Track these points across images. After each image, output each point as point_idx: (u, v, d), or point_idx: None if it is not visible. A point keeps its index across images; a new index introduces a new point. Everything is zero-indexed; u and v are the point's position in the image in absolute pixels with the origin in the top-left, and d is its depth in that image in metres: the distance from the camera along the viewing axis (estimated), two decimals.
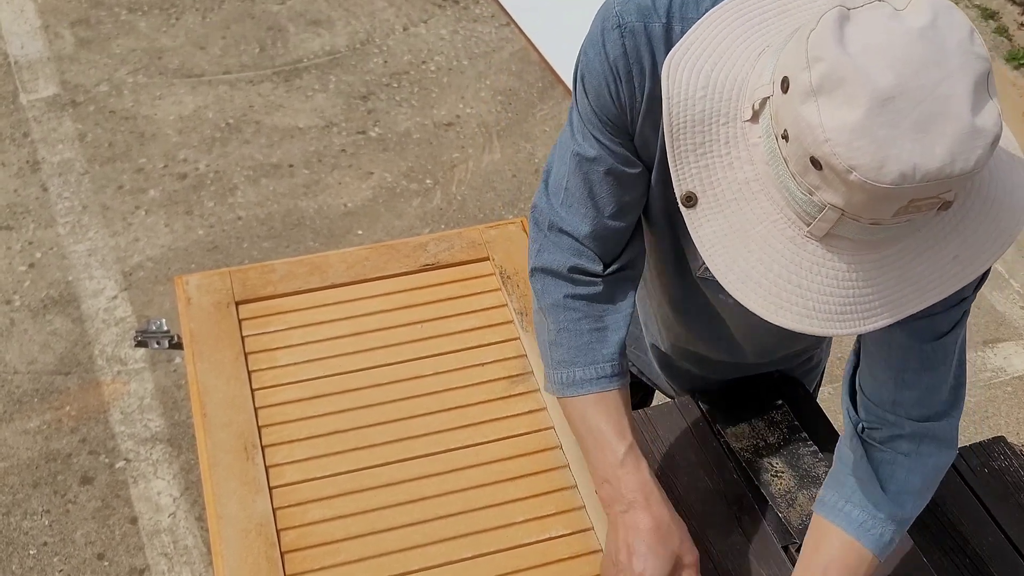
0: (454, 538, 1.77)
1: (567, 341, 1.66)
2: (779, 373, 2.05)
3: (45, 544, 2.94)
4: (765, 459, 1.91)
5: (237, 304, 2.05)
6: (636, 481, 1.59)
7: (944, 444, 1.58)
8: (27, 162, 4.01)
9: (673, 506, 1.62)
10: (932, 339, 1.50)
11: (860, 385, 1.60)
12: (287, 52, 4.54)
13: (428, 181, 4.00)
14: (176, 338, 2.10)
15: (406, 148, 4.14)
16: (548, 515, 1.80)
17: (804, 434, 1.95)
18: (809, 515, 1.81)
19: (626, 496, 1.59)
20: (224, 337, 1.99)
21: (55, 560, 2.91)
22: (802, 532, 1.79)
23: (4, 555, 2.91)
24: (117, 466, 3.11)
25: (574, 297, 1.65)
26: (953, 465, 2.22)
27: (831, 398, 3.30)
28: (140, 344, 2.11)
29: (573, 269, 1.65)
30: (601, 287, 1.66)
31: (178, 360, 3.35)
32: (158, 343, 2.11)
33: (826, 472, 1.87)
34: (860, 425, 1.60)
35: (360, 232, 3.80)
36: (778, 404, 1.99)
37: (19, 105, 4.24)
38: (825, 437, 1.97)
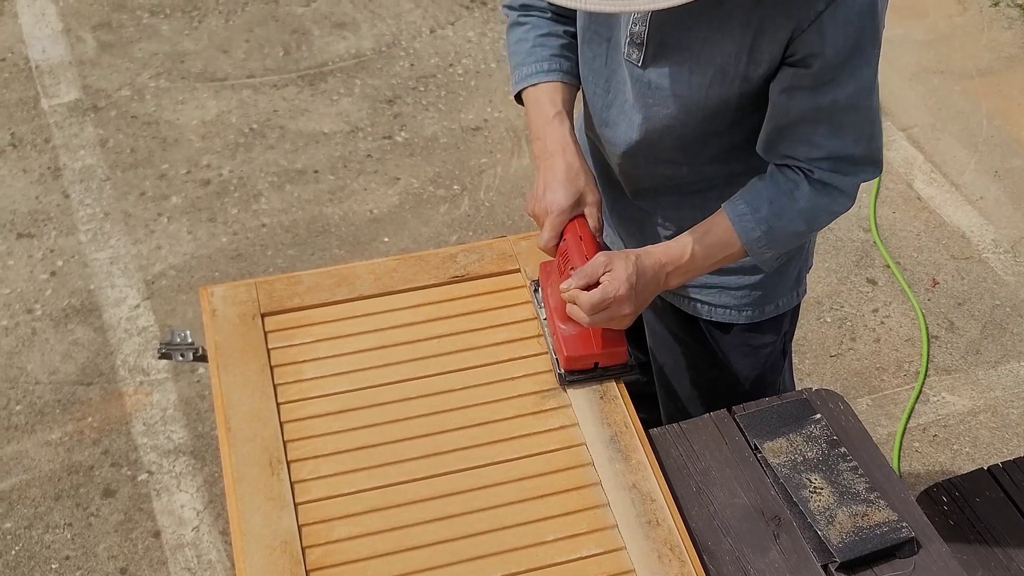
0: (483, 557, 1.74)
1: (519, 48, 2.05)
2: (807, 395, 2.01)
3: (67, 558, 2.91)
4: (803, 475, 1.87)
5: (263, 316, 2.02)
6: (558, 135, 1.95)
7: (843, 194, 1.87)
8: (48, 168, 3.98)
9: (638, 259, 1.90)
10: (835, 104, 1.76)
11: (775, 143, 1.87)
12: (312, 55, 4.51)
13: (456, 187, 3.96)
14: (200, 350, 2.07)
15: (433, 153, 4.10)
16: (580, 534, 1.77)
17: (843, 449, 1.90)
18: (850, 533, 1.78)
19: (549, 148, 1.95)
20: (250, 350, 1.97)
21: (77, 574, 2.88)
22: (843, 550, 1.76)
23: (26, 569, 2.89)
24: (140, 479, 3.08)
25: (525, 15, 2.06)
26: (996, 480, 2.18)
27: (869, 410, 3.25)
28: (164, 356, 2.08)
29: (523, 5, 2.07)
30: (548, 15, 2.05)
31: (202, 371, 3.31)
32: (182, 355, 2.08)
33: (867, 488, 1.84)
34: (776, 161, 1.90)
35: (386, 239, 3.77)
36: (816, 418, 1.95)
37: (40, 110, 4.22)
38: (866, 453, 1.93)
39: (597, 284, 1.82)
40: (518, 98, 2.07)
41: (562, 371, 1.93)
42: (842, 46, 1.70)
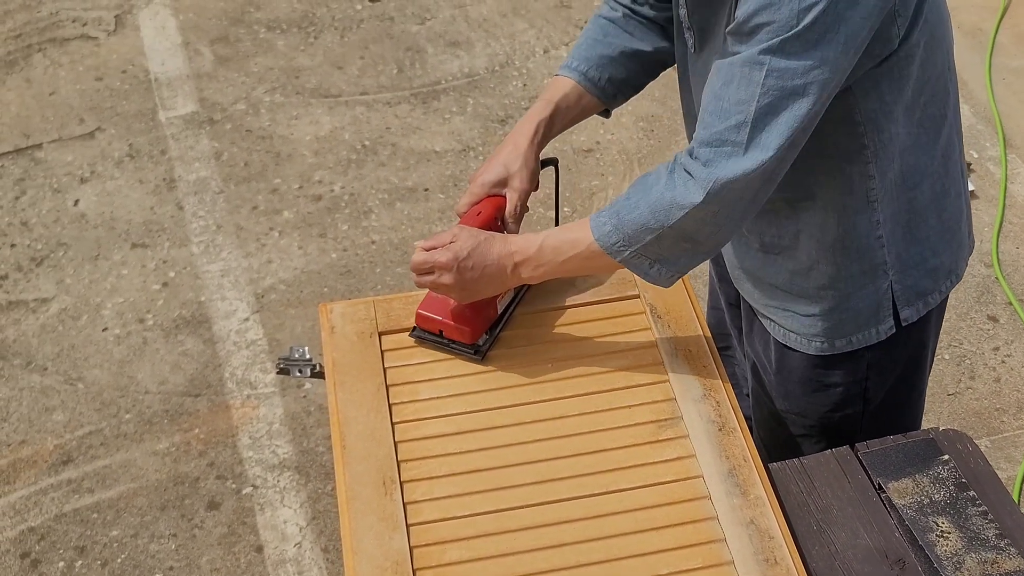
0: None
1: (579, 41, 2.11)
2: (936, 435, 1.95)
3: (171, 568, 2.92)
4: (930, 518, 1.82)
5: (380, 334, 2.02)
6: (526, 122, 2.07)
7: (695, 184, 1.73)
8: (164, 180, 4.03)
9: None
10: (731, 64, 1.66)
11: None
12: (425, 74, 4.52)
13: (566, 209, 3.93)
14: (318, 366, 2.07)
15: (544, 174, 4.06)
16: (694, 568, 1.73)
17: (973, 493, 1.85)
18: None
19: (514, 129, 2.08)
20: (366, 368, 1.97)
21: None
22: None
23: None
24: (244, 492, 3.09)
25: (602, 16, 2.10)
26: None
27: (988, 453, 3.17)
28: (282, 371, 2.08)
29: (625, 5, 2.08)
30: (619, 13, 2.07)
31: (308, 386, 3.31)
32: (300, 371, 2.08)
33: (997, 535, 1.78)
34: None
35: None
36: (944, 459, 1.90)
37: (157, 122, 4.27)
38: (995, 497, 1.86)
39: None
40: None
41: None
42: (752, 4, 1.62)
